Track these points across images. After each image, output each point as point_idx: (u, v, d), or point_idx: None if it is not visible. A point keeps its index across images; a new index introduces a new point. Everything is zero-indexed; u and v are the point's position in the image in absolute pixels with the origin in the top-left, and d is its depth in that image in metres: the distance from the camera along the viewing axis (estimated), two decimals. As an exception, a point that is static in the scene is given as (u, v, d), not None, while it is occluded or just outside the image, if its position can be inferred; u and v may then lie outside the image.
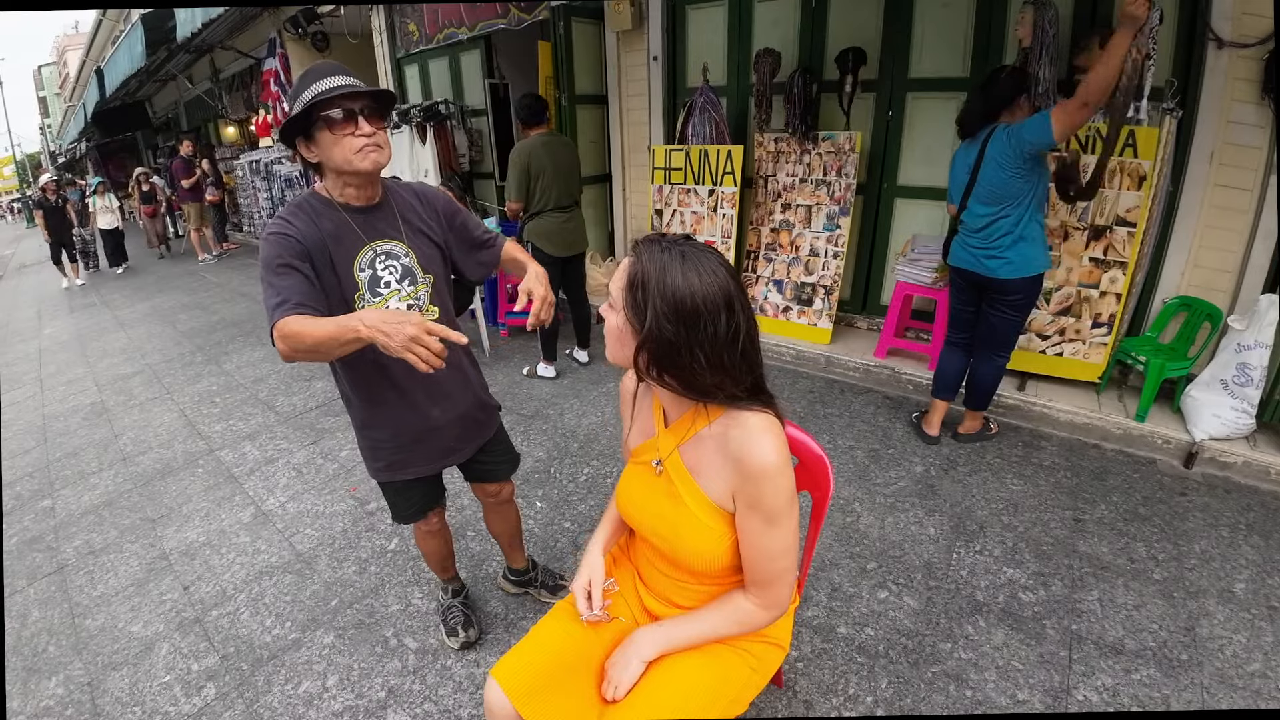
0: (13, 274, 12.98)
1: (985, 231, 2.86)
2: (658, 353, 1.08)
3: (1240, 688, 1.89)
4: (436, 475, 1.94)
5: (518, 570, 2.34)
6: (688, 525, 1.18)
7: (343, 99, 1.48)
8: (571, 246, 4.13)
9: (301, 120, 1.51)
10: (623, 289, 1.11)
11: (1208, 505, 2.72)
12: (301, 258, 1.51)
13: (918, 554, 2.49)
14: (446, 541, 2.15)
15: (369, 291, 1.63)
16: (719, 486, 1.16)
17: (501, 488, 2.10)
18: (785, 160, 4.39)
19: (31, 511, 3.31)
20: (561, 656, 1.27)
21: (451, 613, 2.21)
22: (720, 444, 1.14)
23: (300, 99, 1.50)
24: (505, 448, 2.07)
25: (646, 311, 1.06)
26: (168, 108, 16.45)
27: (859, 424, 3.50)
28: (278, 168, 9.39)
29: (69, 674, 2.23)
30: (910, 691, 1.92)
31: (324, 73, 1.53)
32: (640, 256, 1.10)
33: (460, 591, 2.28)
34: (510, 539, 2.26)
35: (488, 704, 1.23)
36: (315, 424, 3.95)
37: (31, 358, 6.28)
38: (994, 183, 2.78)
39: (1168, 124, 3.05)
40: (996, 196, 2.79)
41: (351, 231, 1.61)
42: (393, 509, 1.96)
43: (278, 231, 1.52)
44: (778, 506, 1.11)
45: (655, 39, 4.99)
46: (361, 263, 1.62)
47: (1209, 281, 3.27)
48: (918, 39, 3.95)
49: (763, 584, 1.18)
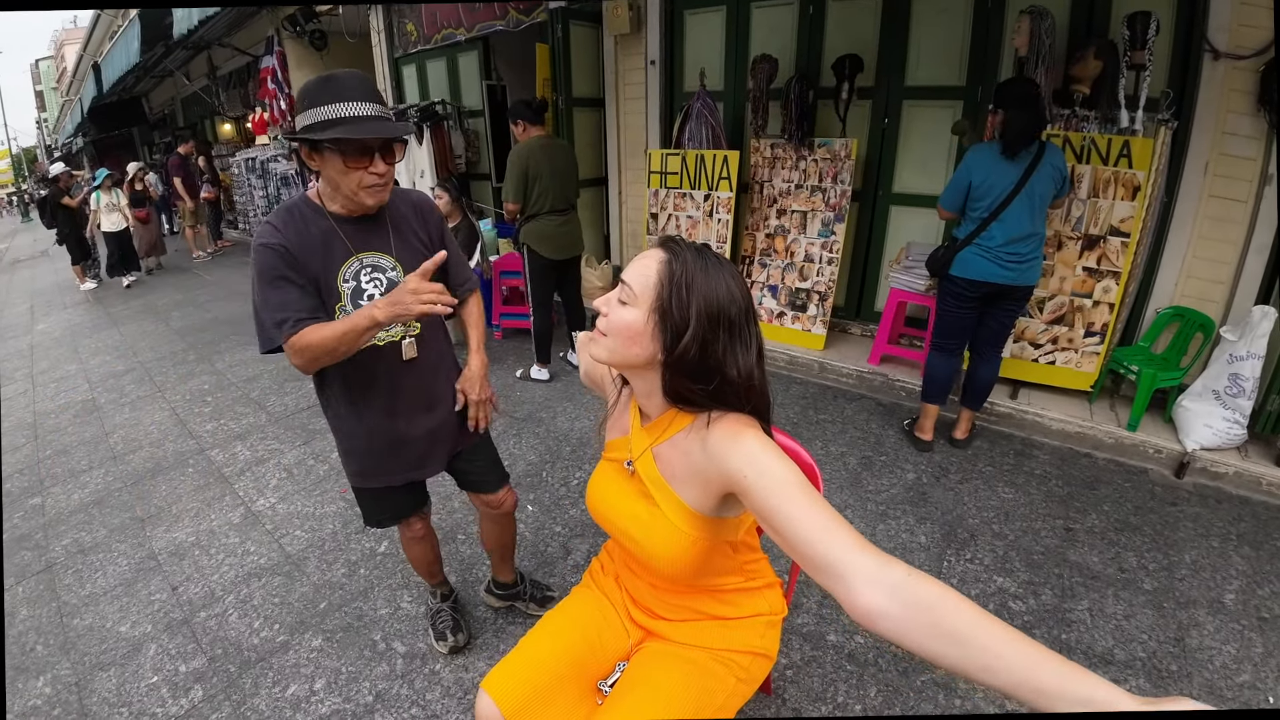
0: (6, 269, 12.91)
1: (1026, 241, 2.85)
2: (695, 358, 1.02)
3: (1230, 699, 1.89)
4: (412, 484, 1.89)
5: (504, 584, 2.28)
6: (659, 528, 1.14)
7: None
8: (568, 250, 4.13)
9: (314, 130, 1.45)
10: (655, 285, 1.04)
11: (1198, 515, 2.73)
12: (293, 268, 1.50)
13: (909, 562, 2.44)
14: (433, 548, 2.10)
15: (350, 303, 1.60)
16: (695, 487, 1.10)
17: (503, 500, 2.03)
18: (781, 166, 4.40)
19: (21, 509, 3.29)
20: (553, 667, 1.26)
21: (440, 617, 2.18)
22: (699, 442, 1.08)
23: (319, 112, 1.43)
24: (489, 457, 2.01)
25: (690, 313, 1.01)
26: (164, 104, 16.39)
27: (851, 430, 3.51)
28: (274, 165, 9.37)
29: (57, 674, 2.22)
30: (899, 700, 1.92)
31: (351, 92, 1.44)
32: (680, 255, 1.05)
33: (449, 595, 2.24)
34: (502, 552, 2.20)
35: (479, 716, 1.22)
36: (306, 424, 3.93)
37: (23, 354, 6.25)
38: (1045, 196, 2.84)
39: (1163, 134, 3.06)
40: (1042, 209, 2.86)
41: (339, 241, 1.58)
42: (364, 514, 1.93)
43: (266, 243, 1.50)
44: (774, 468, 0.96)
45: (653, 43, 4.99)
46: (346, 273, 1.59)
47: (1202, 292, 3.28)
48: (914, 47, 3.97)
49: (822, 567, 0.85)
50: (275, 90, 8.66)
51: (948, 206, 3.02)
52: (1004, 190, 2.82)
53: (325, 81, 1.45)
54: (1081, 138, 3.26)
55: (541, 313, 4.21)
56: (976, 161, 2.89)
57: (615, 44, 5.24)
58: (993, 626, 0.72)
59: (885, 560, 0.81)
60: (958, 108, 3.88)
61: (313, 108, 1.43)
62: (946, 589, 0.77)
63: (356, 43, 7.63)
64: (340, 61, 8.22)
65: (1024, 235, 2.84)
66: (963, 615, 0.74)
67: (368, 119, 1.44)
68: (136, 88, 14.94)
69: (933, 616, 0.74)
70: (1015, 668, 0.69)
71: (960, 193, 2.93)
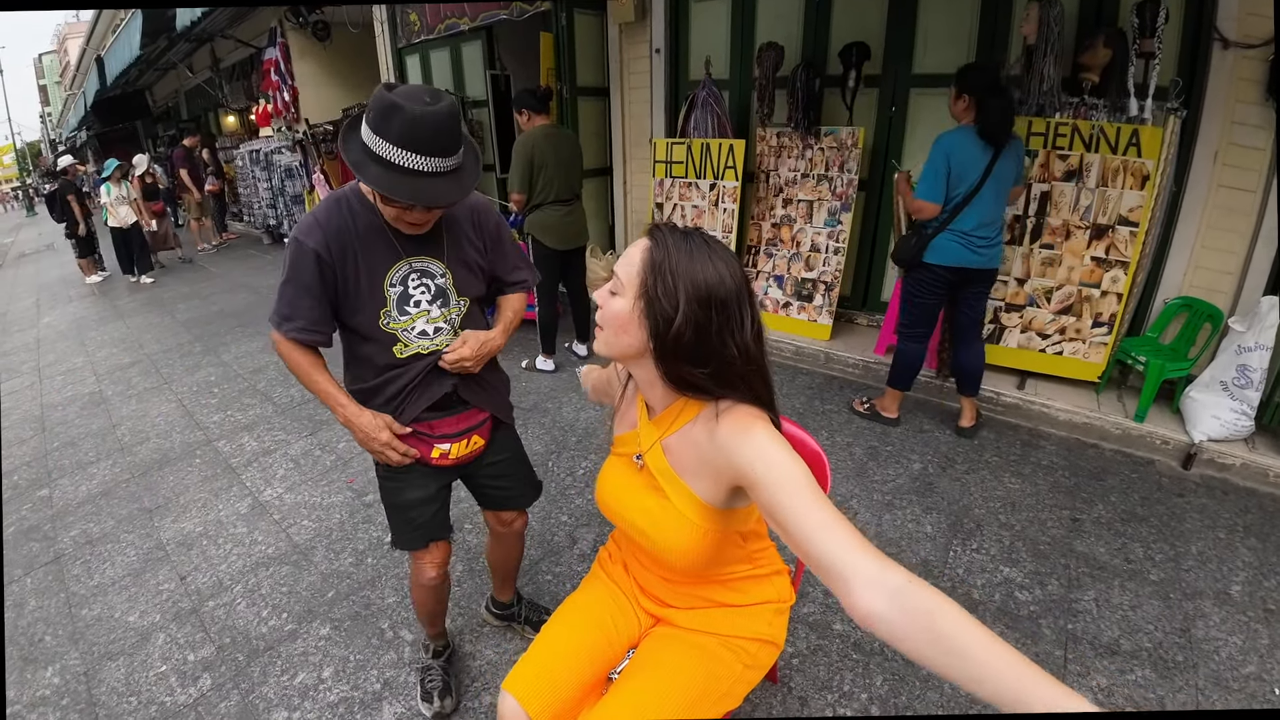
0: (12, 263, 12.95)
1: (993, 225, 2.99)
2: (690, 341, 1.02)
3: (1235, 690, 1.89)
4: (443, 499, 1.77)
5: (502, 604, 2.19)
6: (669, 520, 1.14)
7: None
8: (572, 240, 4.12)
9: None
10: (639, 273, 1.05)
11: (1205, 507, 2.72)
12: (320, 275, 1.44)
13: (915, 552, 2.49)
14: (442, 599, 1.93)
15: (396, 309, 1.52)
16: (704, 478, 1.10)
17: (516, 516, 1.94)
18: (787, 155, 4.38)
19: (29, 501, 3.31)
20: (573, 663, 1.26)
21: (430, 675, 1.97)
22: (707, 432, 1.08)
23: (373, 139, 1.30)
24: (523, 470, 1.91)
25: (678, 296, 1.01)
26: (168, 96, 16.40)
27: (857, 421, 3.50)
28: (278, 158, 9.35)
29: (65, 664, 2.23)
30: (905, 689, 1.92)
31: (413, 141, 1.28)
32: (662, 241, 1.05)
33: (443, 652, 2.05)
34: (507, 572, 2.10)
35: (502, 717, 1.21)
36: (313, 415, 3.94)
37: (30, 347, 6.27)
38: (1009, 181, 2.96)
39: (1172, 123, 3.04)
40: (1006, 193, 3.00)
41: (387, 242, 1.49)
42: (393, 525, 1.77)
43: (302, 241, 1.43)
44: (781, 461, 0.96)
45: (658, 31, 4.96)
46: (394, 278, 1.51)
47: (1210, 283, 3.26)
48: (922, 34, 3.94)
49: (825, 565, 0.86)
50: (278, 82, 8.64)
51: (931, 198, 2.95)
52: (977, 176, 2.88)
53: (394, 112, 1.27)
54: (1090, 126, 3.24)
55: (546, 303, 4.20)
56: (953, 147, 2.88)
57: (620, 32, 5.21)
58: (988, 640, 0.72)
59: (886, 564, 0.82)
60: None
61: (371, 130, 1.31)
62: (944, 598, 0.77)
63: (359, 33, 7.61)
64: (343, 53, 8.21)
65: (992, 219, 2.97)
66: (959, 625, 0.74)
67: (420, 175, 1.32)
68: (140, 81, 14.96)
69: (930, 623, 0.75)
70: (1005, 685, 0.69)
71: (942, 179, 2.92)
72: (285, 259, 1.47)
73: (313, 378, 1.54)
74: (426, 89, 1.34)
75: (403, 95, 1.29)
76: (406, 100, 1.27)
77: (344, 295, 1.49)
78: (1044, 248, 3.46)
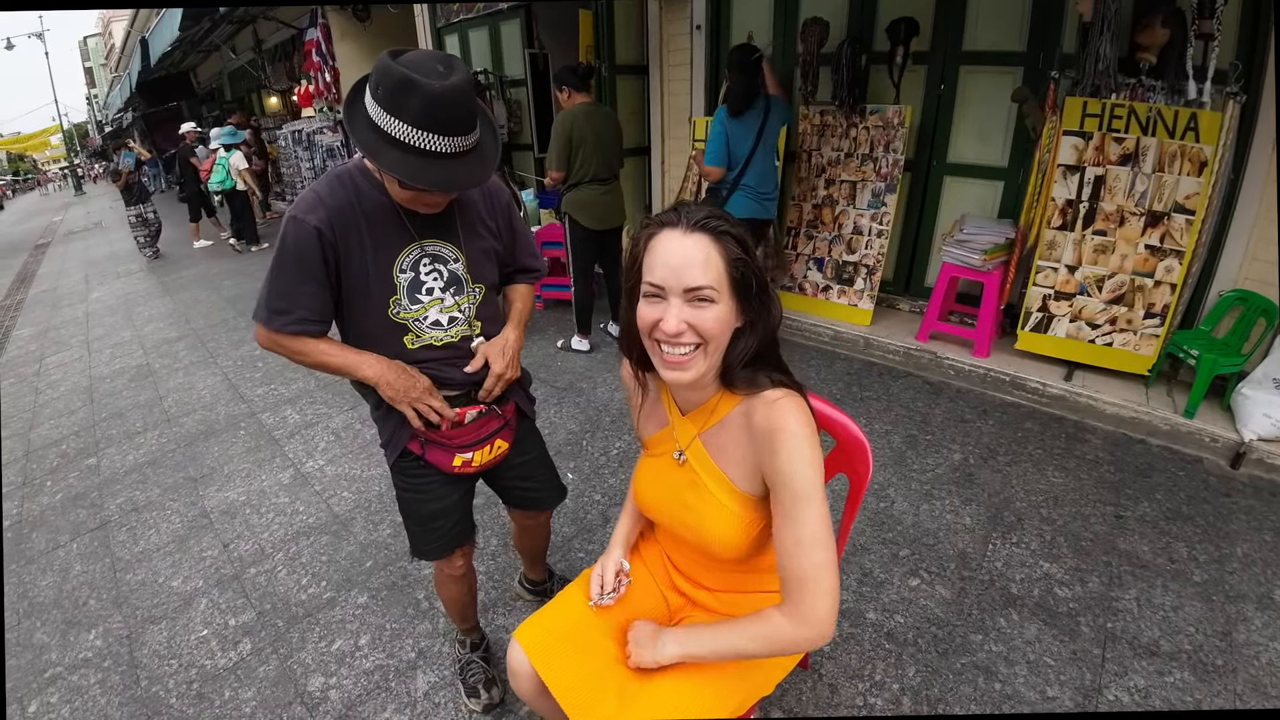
0: (61, 240, 13.35)
1: (772, 179, 3.78)
2: (756, 283, 1.06)
3: (1275, 697, 1.82)
4: (465, 506, 1.71)
5: (535, 581, 2.21)
6: (713, 513, 1.15)
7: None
8: (609, 220, 4.10)
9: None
10: (721, 265, 1.02)
11: (1252, 508, 2.62)
12: (323, 256, 1.32)
13: (952, 543, 2.45)
14: (470, 587, 1.87)
15: (406, 297, 1.41)
16: (745, 469, 1.12)
17: (541, 512, 1.92)
18: (831, 134, 4.29)
19: (77, 469, 3.43)
20: (584, 619, 1.29)
21: (470, 669, 1.91)
22: (745, 422, 1.09)
23: (384, 118, 1.18)
24: (548, 473, 1.84)
25: (747, 254, 1.04)
26: (212, 78, 16.68)
27: (896, 408, 3.44)
28: (319, 138, 9.44)
29: (108, 627, 2.31)
30: (938, 681, 1.89)
31: (429, 121, 1.17)
32: (708, 223, 1.02)
33: (480, 644, 1.98)
34: (535, 555, 2.10)
35: (510, 665, 1.26)
36: (353, 390, 3.98)
37: (79, 321, 6.48)
38: (774, 142, 3.73)
39: (1231, 108, 2.89)
40: (774, 153, 3.76)
41: (397, 223, 1.37)
42: (411, 536, 1.68)
43: (303, 219, 1.30)
44: (805, 477, 1.01)
45: (699, 7, 4.87)
46: (404, 262, 1.39)
47: (1266, 275, 3.11)
48: (973, 10, 3.80)
49: (794, 587, 1.04)
50: (320, 62, 8.70)
51: (718, 163, 3.61)
52: (749, 145, 3.58)
53: (408, 88, 1.15)
54: (1148, 109, 3.10)
55: (582, 283, 4.20)
56: (730, 127, 3.59)
57: (660, 8, 5.12)
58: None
59: (802, 621, 1.06)
60: (1018, 74, 3.71)
61: (381, 108, 1.19)
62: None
63: (399, 13, 7.62)
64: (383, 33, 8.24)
65: (769, 174, 3.75)
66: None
67: (442, 157, 1.21)
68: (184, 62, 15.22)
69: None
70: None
71: (724, 147, 3.58)
72: (278, 241, 1.33)
73: (324, 354, 1.40)
74: (436, 55, 1.22)
75: (414, 66, 1.16)
76: (420, 73, 1.15)
77: (345, 281, 1.37)
78: (1097, 234, 3.33)
